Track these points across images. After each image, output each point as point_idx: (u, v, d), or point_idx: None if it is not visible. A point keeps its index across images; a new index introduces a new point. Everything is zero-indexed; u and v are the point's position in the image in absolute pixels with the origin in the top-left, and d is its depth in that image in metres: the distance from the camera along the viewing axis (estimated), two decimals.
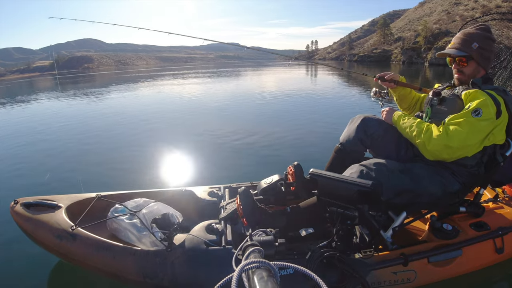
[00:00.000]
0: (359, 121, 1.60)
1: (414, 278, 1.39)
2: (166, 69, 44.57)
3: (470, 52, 1.40)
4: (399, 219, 1.47)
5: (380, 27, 64.66)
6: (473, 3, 43.23)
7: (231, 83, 15.30)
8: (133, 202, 1.66)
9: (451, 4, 51.02)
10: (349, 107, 6.95)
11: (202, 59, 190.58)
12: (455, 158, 1.34)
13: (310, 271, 0.59)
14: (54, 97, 13.03)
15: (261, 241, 1.02)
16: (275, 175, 1.69)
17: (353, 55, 60.09)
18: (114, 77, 30.67)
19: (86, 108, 8.93)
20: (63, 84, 25.09)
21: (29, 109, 9.70)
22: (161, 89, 14.23)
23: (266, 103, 7.96)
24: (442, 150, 1.30)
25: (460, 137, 1.26)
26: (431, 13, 54.82)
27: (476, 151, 1.35)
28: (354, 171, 1.39)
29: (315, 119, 5.81)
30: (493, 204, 1.70)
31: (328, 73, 20.62)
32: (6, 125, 6.82)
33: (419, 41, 43.32)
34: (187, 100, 9.53)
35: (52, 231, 1.50)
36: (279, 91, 10.78)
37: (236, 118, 5.33)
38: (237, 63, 72.74)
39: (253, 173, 3.06)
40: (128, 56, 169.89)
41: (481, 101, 1.29)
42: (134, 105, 9.10)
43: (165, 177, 3.21)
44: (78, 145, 4.65)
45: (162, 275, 1.33)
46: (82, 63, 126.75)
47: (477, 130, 1.27)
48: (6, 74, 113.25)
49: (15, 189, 3.07)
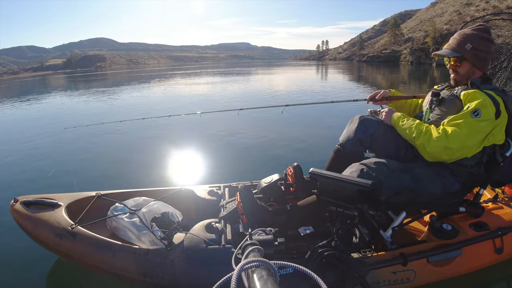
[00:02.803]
0: (358, 122, 1.60)
1: (414, 278, 1.39)
2: (176, 69, 44.61)
3: (462, 53, 1.40)
4: (398, 219, 1.47)
5: (390, 28, 64.39)
6: (484, 4, 43.03)
7: (238, 83, 15.23)
8: (133, 201, 1.66)
9: (463, 5, 50.71)
10: (351, 107, 6.93)
11: (213, 59, 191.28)
12: (455, 159, 1.34)
13: (309, 271, 0.59)
14: (68, 96, 13.19)
15: (261, 240, 1.03)
16: (275, 175, 1.69)
17: (362, 56, 59.88)
18: (126, 76, 30.64)
19: (93, 106, 8.95)
20: (76, 82, 25.29)
21: (37, 106, 9.73)
22: (167, 88, 14.24)
23: (269, 102, 7.95)
24: (442, 151, 1.30)
25: (459, 138, 1.26)
26: (443, 14, 54.59)
27: (476, 152, 1.34)
28: (355, 169, 1.39)
29: (317, 119, 5.80)
30: (493, 204, 1.70)
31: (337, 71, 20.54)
32: (11, 123, 6.82)
33: (427, 41, 43.14)
34: (189, 99, 9.53)
35: (52, 230, 1.50)
36: (283, 90, 10.76)
37: (237, 117, 5.31)
38: (248, 63, 72.60)
39: (253, 173, 3.06)
40: (139, 55, 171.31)
41: (480, 102, 1.28)
42: (136, 104, 9.08)
43: (165, 176, 3.21)
44: (79, 143, 4.65)
45: (162, 274, 1.33)
46: (95, 62, 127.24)
47: (476, 131, 1.27)
48: (19, 72, 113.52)
49: (15, 187, 3.07)
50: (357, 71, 25.48)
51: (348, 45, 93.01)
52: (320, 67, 34.41)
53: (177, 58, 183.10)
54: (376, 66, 34.74)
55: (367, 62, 51.69)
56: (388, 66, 29.78)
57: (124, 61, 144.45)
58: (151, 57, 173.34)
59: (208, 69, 38.70)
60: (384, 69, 26.88)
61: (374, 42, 72.67)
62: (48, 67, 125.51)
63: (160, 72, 34.92)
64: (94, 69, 76.39)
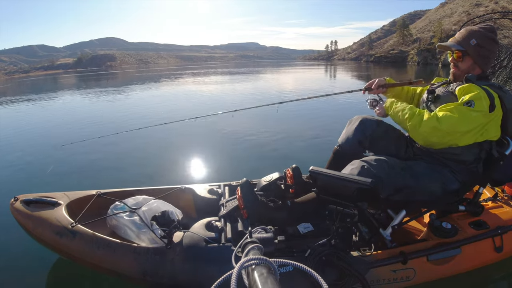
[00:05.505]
0: (357, 123, 1.60)
1: (413, 276, 1.40)
2: (186, 68, 44.63)
3: (466, 48, 1.40)
4: (398, 218, 1.47)
5: (398, 28, 64.18)
6: (493, 5, 42.73)
7: (244, 83, 15.21)
8: (133, 200, 1.66)
9: (472, 5, 50.37)
10: (353, 107, 6.91)
11: (222, 59, 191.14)
12: (445, 144, 1.33)
13: (309, 269, 0.59)
14: (77, 94, 13.29)
15: (261, 238, 1.03)
16: (275, 173, 1.69)
17: (370, 56, 59.70)
18: (136, 75, 30.63)
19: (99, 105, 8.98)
20: (86, 81, 25.42)
21: (41, 105, 9.73)
22: (173, 88, 14.31)
23: (272, 102, 7.87)
24: (432, 132, 1.28)
25: (450, 121, 1.25)
26: (452, 14, 54.31)
27: (468, 142, 1.33)
28: (355, 166, 1.39)
29: (318, 119, 5.79)
30: (492, 203, 1.70)
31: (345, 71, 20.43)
32: (11, 122, 6.82)
33: (434, 42, 42.99)
34: (193, 98, 9.52)
35: (52, 228, 1.50)
36: (288, 90, 10.73)
37: (239, 116, 5.32)
38: (257, 63, 72.36)
39: (253, 171, 3.06)
40: (149, 55, 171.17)
41: (474, 94, 1.28)
42: (139, 105, 9.05)
43: (165, 175, 3.21)
44: (79, 140, 4.64)
45: (162, 272, 1.33)
46: (105, 61, 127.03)
47: (467, 118, 1.25)
48: (30, 71, 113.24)
49: (15, 186, 3.07)
50: (364, 70, 25.47)
51: (357, 45, 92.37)
52: (327, 67, 34.43)
53: (187, 58, 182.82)
54: (384, 66, 34.67)
55: (374, 62, 51.46)
56: (396, 66, 29.71)
57: (134, 60, 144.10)
58: (160, 56, 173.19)
59: (217, 68, 38.75)
60: (391, 69, 26.80)
61: (383, 42, 72.23)
62: (58, 66, 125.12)
63: (170, 71, 35.02)
64: (105, 68, 76.16)
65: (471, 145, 1.36)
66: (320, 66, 34.01)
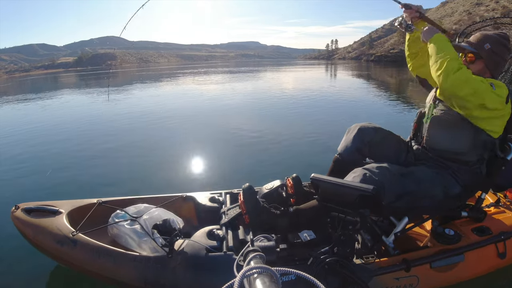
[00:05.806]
0: (355, 131, 1.61)
1: (417, 283, 1.38)
2: (186, 67, 44.45)
3: (480, 51, 1.41)
4: (401, 225, 1.46)
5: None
6: (494, 4, 42.76)
7: (243, 83, 15.17)
8: (134, 208, 1.66)
9: (473, 5, 50.03)
10: (355, 111, 6.90)
11: (222, 58, 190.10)
12: (464, 104, 1.28)
13: (312, 277, 0.59)
14: (78, 94, 13.36)
15: (263, 246, 1.02)
16: (277, 181, 1.69)
17: (370, 55, 59.71)
18: (137, 74, 30.61)
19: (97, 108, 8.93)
20: (86, 80, 25.49)
21: (40, 106, 9.75)
22: (173, 88, 14.27)
23: (272, 105, 7.87)
24: (463, 84, 1.23)
25: (479, 84, 1.24)
26: (453, 13, 54.08)
27: (480, 116, 1.30)
28: (357, 174, 1.38)
29: (320, 124, 5.76)
30: (495, 209, 1.69)
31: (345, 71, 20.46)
32: (10, 125, 6.84)
33: None
34: (191, 102, 9.49)
35: (52, 237, 1.49)
36: (288, 92, 10.62)
37: (239, 122, 5.33)
38: (257, 62, 72.25)
39: (255, 179, 3.05)
40: (149, 54, 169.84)
41: (495, 81, 1.31)
42: (138, 107, 9.05)
43: (166, 183, 3.20)
44: (78, 147, 4.65)
45: (163, 281, 1.32)
46: (105, 60, 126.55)
47: (489, 93, 1.25)
48: (31, 70, 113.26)
49: (16, 194, 3.06)
50: (365, 69, 25.43)
51: (358, 44, 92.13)
52: (327, 66, 34.57)
53: (187, 57, 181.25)
54: (384, 65, 34.62)
55: (374, 61, 51.41)
56: (396, 65, 29.62)
57: (135, 59, 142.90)
58: (161, 55, 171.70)
59: (218, 67, 38.70)
60: (392, 68, 26.80)
61: (384, 41, 71.93)
62: (59, 65, 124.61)
63: (171, 70, 35.07)
64: (105, 67, 76.06)
65: (474, 144, 1.36)
66: (320, 65, 34.07)
